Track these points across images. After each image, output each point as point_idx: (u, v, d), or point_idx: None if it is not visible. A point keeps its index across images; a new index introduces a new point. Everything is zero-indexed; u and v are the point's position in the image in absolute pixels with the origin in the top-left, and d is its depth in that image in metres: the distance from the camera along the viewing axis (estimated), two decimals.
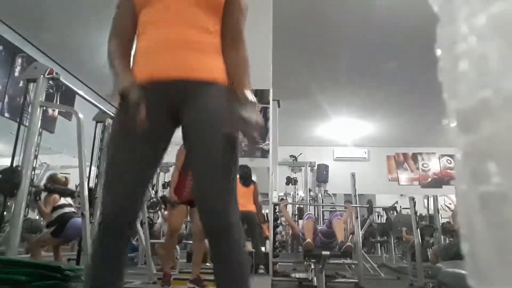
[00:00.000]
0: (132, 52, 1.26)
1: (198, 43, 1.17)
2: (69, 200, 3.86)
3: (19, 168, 2.38)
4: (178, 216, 3.24)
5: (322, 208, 7.42)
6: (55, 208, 3.74)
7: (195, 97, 1.14)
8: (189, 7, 1.17)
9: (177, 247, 4.74)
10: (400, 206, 8.13)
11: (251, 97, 1.17)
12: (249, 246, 4.05)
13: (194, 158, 1.14)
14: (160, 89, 1.13)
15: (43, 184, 3.54)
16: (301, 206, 7.16)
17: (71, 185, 4.88)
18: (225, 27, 1.26)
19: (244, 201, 4.00)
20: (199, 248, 3.23)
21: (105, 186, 1.16)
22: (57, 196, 3.77)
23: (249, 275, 1.11)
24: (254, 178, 4.11)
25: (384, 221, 7.84)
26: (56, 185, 3.67)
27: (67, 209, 3.75)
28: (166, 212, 4.91)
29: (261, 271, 3.70)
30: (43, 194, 3.75)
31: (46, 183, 3.69)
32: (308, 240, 3.76)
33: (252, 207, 4.02)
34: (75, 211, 3.79)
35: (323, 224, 4.77)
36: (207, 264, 6.02)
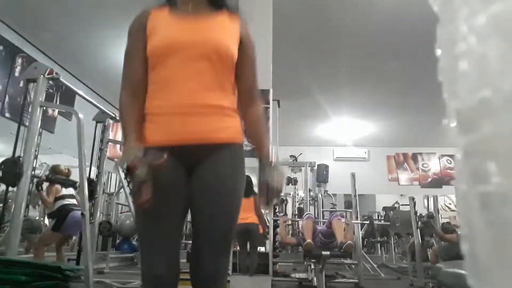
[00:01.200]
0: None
1: (213, 106, 1.15)
2: (71, 190, 3.89)
3: (20, 159, 2.40)
4: None
5: (322, 208, 7.42)
6: (56, 199, 3.76)
7: (207, 160, 1.14)
8: (202, 69, 1.15)
9: None
10: (399, 205, 8.13)
11: (273, 160, 1.22)
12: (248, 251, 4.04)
13: (196, 219, 1.14)
14: (174, 152, 1.11)
15: (44, 175, 3.55)
16: (301, 207, 7.16)
17: None
18: (239, 83, 1.25)
19: (245, 213, 3.97)
20: None
21: (147, 253, 1.13)
22: (59, 186, 3.80)
23: None
24: (254, 178, 4.09)
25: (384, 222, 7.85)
26: (57, 176, 3.69)
27: (67, 201, 3.78)
28: None
29: (248, 274, 3.70)
30: (45, 185, 3.76)
31: (48, 173, 3.71)
32: (309, 240, 3.76)
33: (253, 219, 3.99)
34: (76, 203, 3.82)
35: (323, 224, 4.77)
36: None
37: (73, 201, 3.84)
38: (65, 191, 3.83)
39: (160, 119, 1.15)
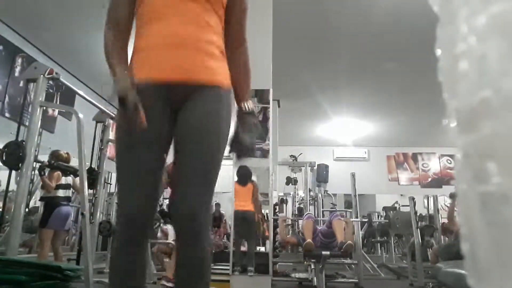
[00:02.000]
0: (130, 45, 1.21)
1: (202, 43, 1.13)
2: (69, 179, 3.93)
3: (23, 142, 2.41)
4: None
5: (322, 208, 7.43)
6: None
7: (193, 101, 1.12)
8: (191, 7, 1.12)
9: None
10: (400, 206, 8.13)
11: (251, 106, 1.21)
12: (244, 247, 4.06)
13: (180, 154, 1.11)
14: (161, 90, 1.10)
15: (47, 160, 3.59)
16: (301, 207, 7.16)
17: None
18: (227, 27, 1.24)
19: (243, 201, 4.00)
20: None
21: (123, 188, 1.10)
22: (60, 173, 3.82)
23: (209, 275, 1.10)
24: (254, 178, 4.10)
25: (384, 221, 7.85)
26: (59, 162, 3.72)
27: (59, 193, 3.84)
28: (165, 227, 4.96)
29: (249, 273, 3.70)
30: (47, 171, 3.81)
31: (49, 159, 3.74)
32: (309, 240, 3.76)
33: (250, 207, 4.02)
34: (69, 195, 3.87)
35: (323, 224, 4.76)
36: None
37: (68, 192, 3.90)
38: (63, 180, 3.88)
39: (148, 54, 1.12)
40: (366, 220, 5.79)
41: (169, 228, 4.78)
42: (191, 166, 1.08)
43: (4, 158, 2.44)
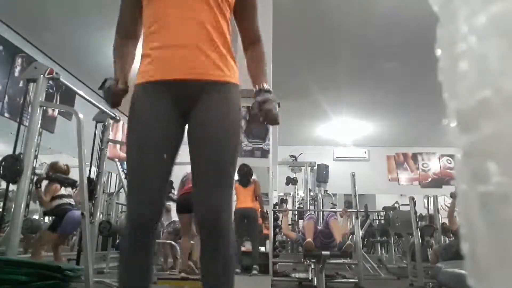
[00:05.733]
0: (139, 46, 1.28)
1: (211, 44, 1.15)
2: (69, 190, 3.90)
3: (21, 156, 2.40)
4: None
5: (323, 207, 7.42)
6: (54, 198, 3.77)
7: (205, 98, 1.15)
8: (197, 8, 1.15)
9: (178, 247, 4.75)
10: (400, 206, 8.14)
11: (266, 86, 1.25)
12: (247, 246, 4.04)
13: (195, 156, 1.15)
14: (172, 89, 1.14)
15: (44, 173, 3.56)
16: (301, 207, 7.16)
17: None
18: (240, 26, 1.29)
19: (244, 198, 3.95)
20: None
21: (131, 191, 1.14)
22: (58, 185, 3.79)
23: (233, 272, 1.15)
24: (254, 177, 4.09)
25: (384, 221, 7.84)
26: (58, 174, 3.70)
27: (65, 200, 3.79)
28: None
29: (254, 271, 3.68)
30: (44, 183, 3.78)
31: (47, 171, 3.71)
32: (309, 239, 3.76)
33: (251, 204, 3.96)
34: (72, 203, 3.84)
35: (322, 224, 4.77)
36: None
37: (70, 200, 3.86)
38: (63, 190, 3.84)
39: (157, 58, 1.16)
40: (363, 211, 5.75)
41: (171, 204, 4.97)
42: (208, 168, 1.12)
43: (1, 172, 2.41)
